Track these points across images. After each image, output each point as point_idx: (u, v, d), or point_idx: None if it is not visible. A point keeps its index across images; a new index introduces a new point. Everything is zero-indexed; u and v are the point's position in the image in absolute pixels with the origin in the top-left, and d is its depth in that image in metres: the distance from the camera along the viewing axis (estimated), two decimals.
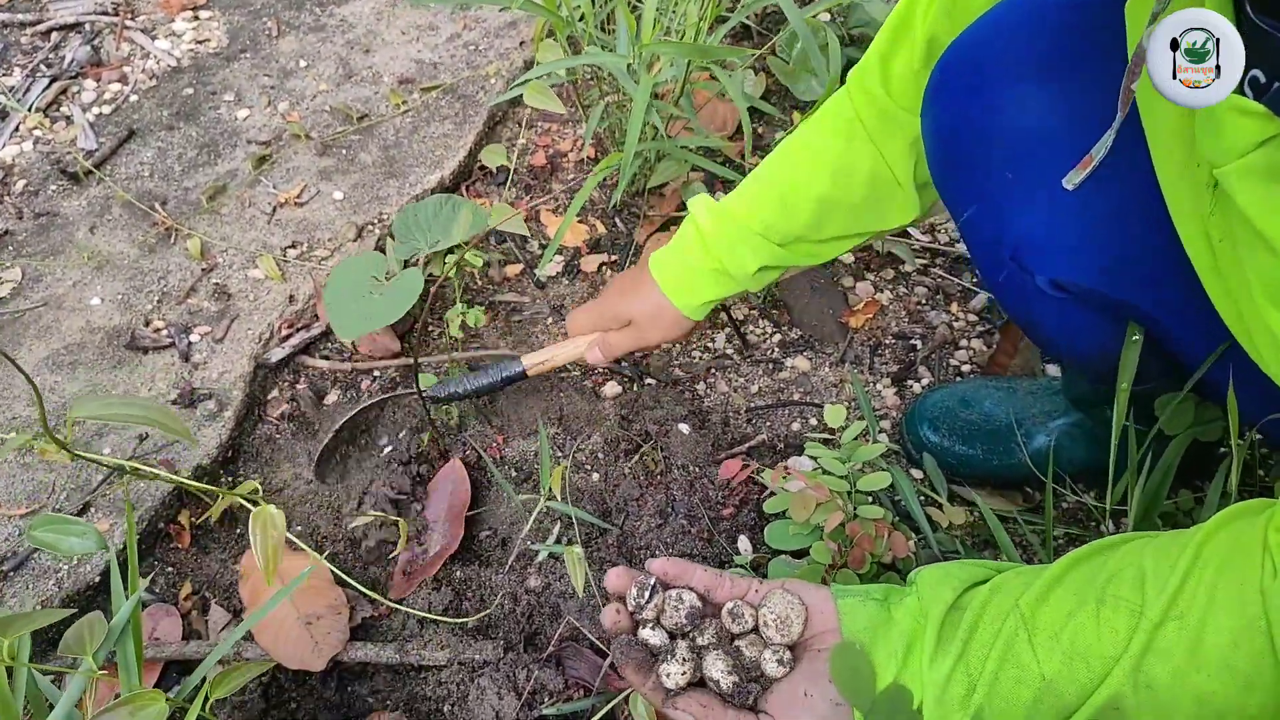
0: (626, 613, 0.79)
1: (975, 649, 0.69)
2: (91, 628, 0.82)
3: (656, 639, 0.77)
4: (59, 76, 1.79)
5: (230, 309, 1.41)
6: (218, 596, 1.16)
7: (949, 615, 0.71)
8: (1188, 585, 0.63)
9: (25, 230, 1.52)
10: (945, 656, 0.69)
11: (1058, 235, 0.86)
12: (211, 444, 1.25)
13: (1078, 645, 0.66)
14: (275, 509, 0.78)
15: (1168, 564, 0.65)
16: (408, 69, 1.81)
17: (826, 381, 1.39)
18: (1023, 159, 0.87)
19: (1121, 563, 0.68)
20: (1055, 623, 0.67)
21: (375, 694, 1.09)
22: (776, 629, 0.75)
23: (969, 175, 0.93)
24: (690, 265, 1.12)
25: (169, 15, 1.92)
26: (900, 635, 0.72)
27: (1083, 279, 0.87)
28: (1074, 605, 0.67)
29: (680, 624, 0.77)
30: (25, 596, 1.10)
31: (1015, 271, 0.90)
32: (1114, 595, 0.66)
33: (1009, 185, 0.88)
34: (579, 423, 1.32)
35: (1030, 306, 0.94)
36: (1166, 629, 0.63)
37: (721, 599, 0.79)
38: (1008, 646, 0.68)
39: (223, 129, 1.69)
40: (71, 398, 1.29)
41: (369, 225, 1.53)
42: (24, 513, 1.18)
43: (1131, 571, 0.67)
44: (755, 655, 0.75)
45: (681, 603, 0.77)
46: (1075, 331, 0.95)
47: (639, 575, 0.79)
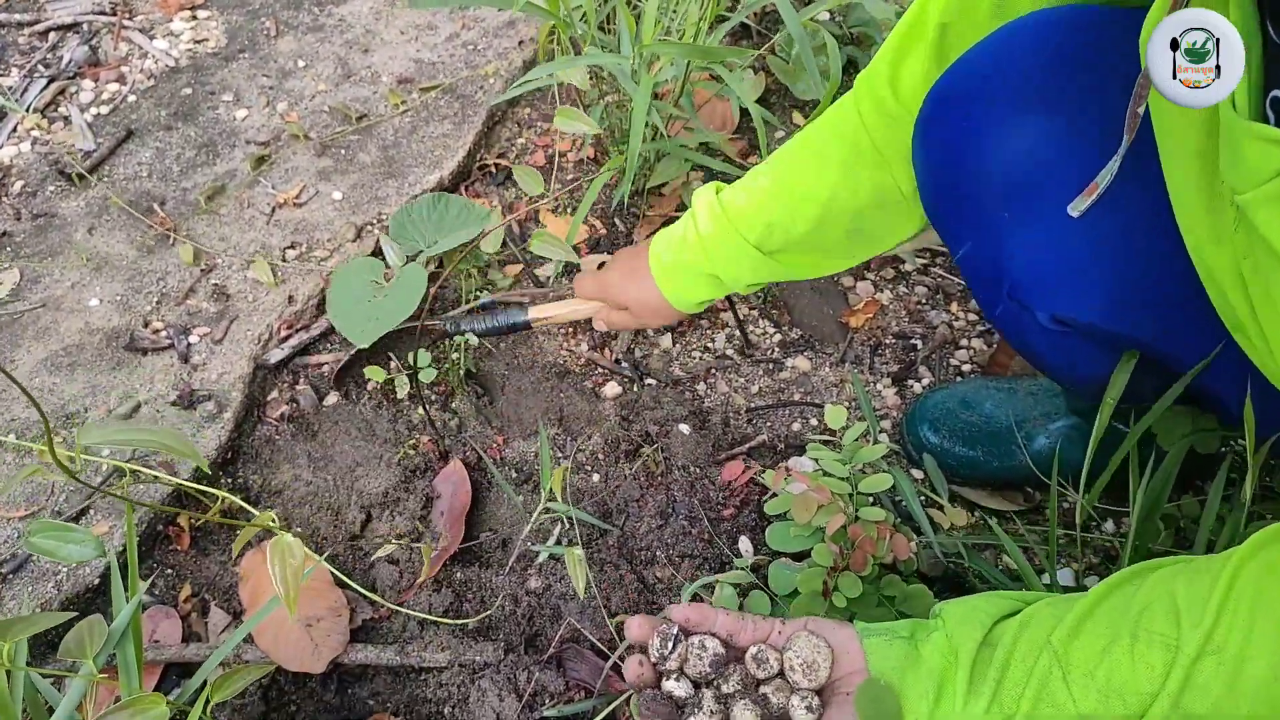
0: (649, 664, 0.77)
1: (1009, 688, 0.68)
2: (91, 631, 0.81)
3: (681, 690, 0.75)
4: (57, 77, 1.78)
5: (229, 310, 1.41)
6: (217, 599, 1.15)
7: (980, 652, 0.71)
8: (1223, 618, 0.63)
9: (23, 231, 1.52)
10: (979, 697, 0.69)
11: (1057, 273, 0.84)
12: (211, 445, 1.25)
13: (1114, 682, 0.65)
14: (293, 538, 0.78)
15: (1201, 595, 0.64)
16: (406, 69, 1.80)
17: (827, 381, 1.39)
18: (1019, 197, 0.85)
19: (1152, 594, 0.68)
20: (1090, 659, 0.67)
21: (375, 696, 1.08)
22: (804, 673, 0.74)
23: (963, 211, 0.91)
24: (686, 265, 1.13)
25: (167, 15, 1.92)
26: (930, 674, 0.71)
27: (1084, 315, 0.86)
28: (1108, 641, 0.67)
29: (704, 673, 0.76)
30: (25, 599, 1.09)
31: (1012, 307, 0.89)
32: (1148, 630, 0.66)
33: (1005, 224, 0.87)
34: (579, 423, 1.32)
35: (1028, 339, 0.92)
36: (1204, 663, 0.63)
37: (745, 643, 0.78)
38: (1042, 685, 0.67)
39: (221, 129, 1.69)
40: (71, 399, 1.29)
41: (368, 225, 1.53)
42: (23, 515, 1.17)
43: (1164, 604, 0.66)
44: (783, 702, 0.74)
45: (705, 651, 0.76)
46: (1075, 362, 0.94)
47: (660, 624, 0.78)
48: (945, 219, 0.96)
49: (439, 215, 1.43)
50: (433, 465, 1.26)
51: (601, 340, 1.43)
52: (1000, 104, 0.85)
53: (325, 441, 1.29)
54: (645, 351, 1.42)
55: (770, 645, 0.77)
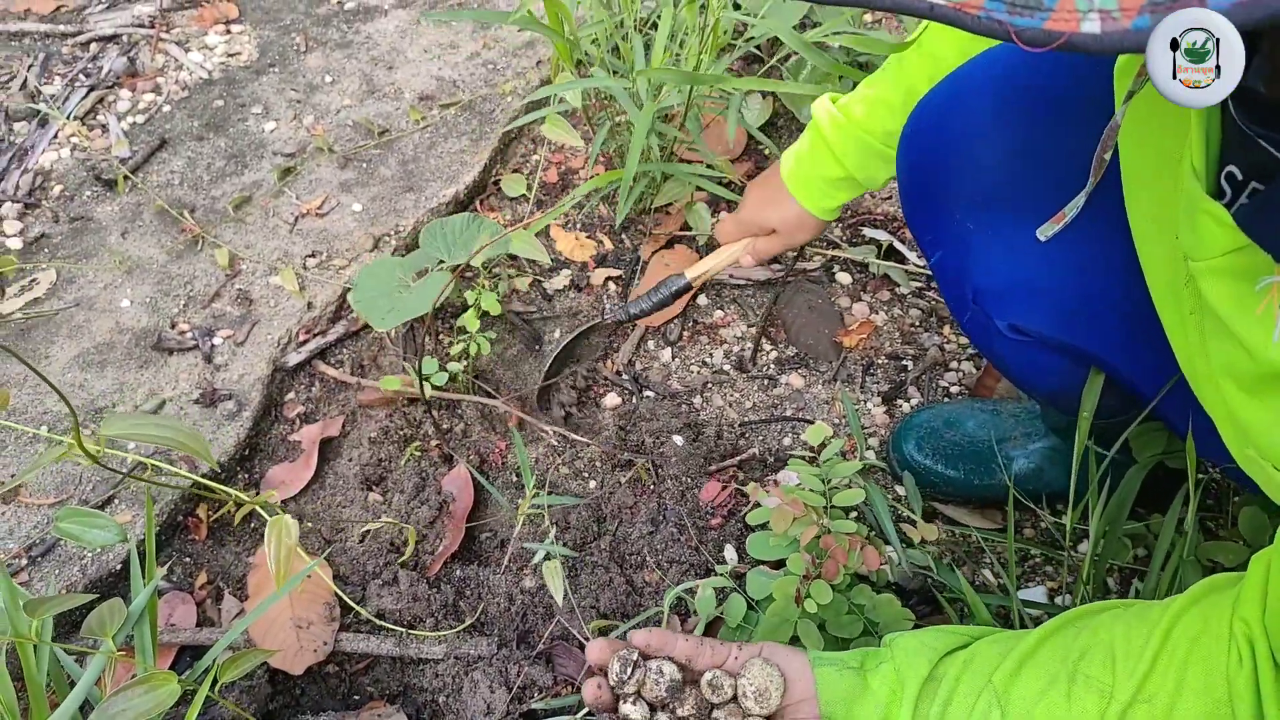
0: (608, 687, 0.80)
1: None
2: (112, 612, 0.88)
3: (637, 714, 0.78)
4: (96, 86, 1.87)
5: (252, 314, 1.48)
6: (231, 586, 1.22)
7: (925, 688, 0.73)
8: (1157, 667, 0.65)
9: (60, 234, 1.60)
10: None
11: (1015, 285, 0.90)
12: (229, 442, 1.32)
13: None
14: (290, 518, 0.84)
15: (1138, 644, 0.67)
16: (428, 86, 1.88)
17: (819, 399, 1.44)
18: (982, 211, 0.92)
19: (1093, 639, 0.70)
20: (1028, 700, 0.69)
21: (376, 683, 1.15)
22: (756, 700, 0.76)
23: (936, 221, 0.98)
24: (823, 176, 1.18)
25: (203, 29, 2.01)
26: (876, 705, 0.74)
27: (1039, 326, 0.91)
28: (1046, 683, 0.69)
29: (661, 697, 0.78)
30: (52, 581, 1.17)
31: (978, 314, 0.96)
32: (1085, 674, 0.68)
33: (970, 234, 0.93)
34: (579, 431, 1.38)
35: (993, 345, 0.99)
36: (1136, 711, 0.65)
37: (702, 667, 0.81)
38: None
39: (250, 140, 1.77)
40: (100, 395, 1.37)
41: (385, 237, 1.60)
42: (53, 502, 1.25)
43: (1102, 650, 0.68)
44: None
45: (662, 675, 0.78)
46: (1036, 371, 0.99)
47: (621, 647, 0.81)
48: (921, 227, 1.02)
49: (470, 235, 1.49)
50: (439, 468, 1.33)
51: (604, 351, 1.49)
52: (972, 125, 0.91)
53: (339, 445, 1.36)
54: (645, 365, 1.48)
55: (726, 671, 0.79)
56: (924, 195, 0.98)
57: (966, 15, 0.41)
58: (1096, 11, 0.37)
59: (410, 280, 1.35)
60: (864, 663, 0.78)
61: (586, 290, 1.57)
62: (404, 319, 1.29)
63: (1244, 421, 0.62)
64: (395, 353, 1.47)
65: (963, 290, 0.97)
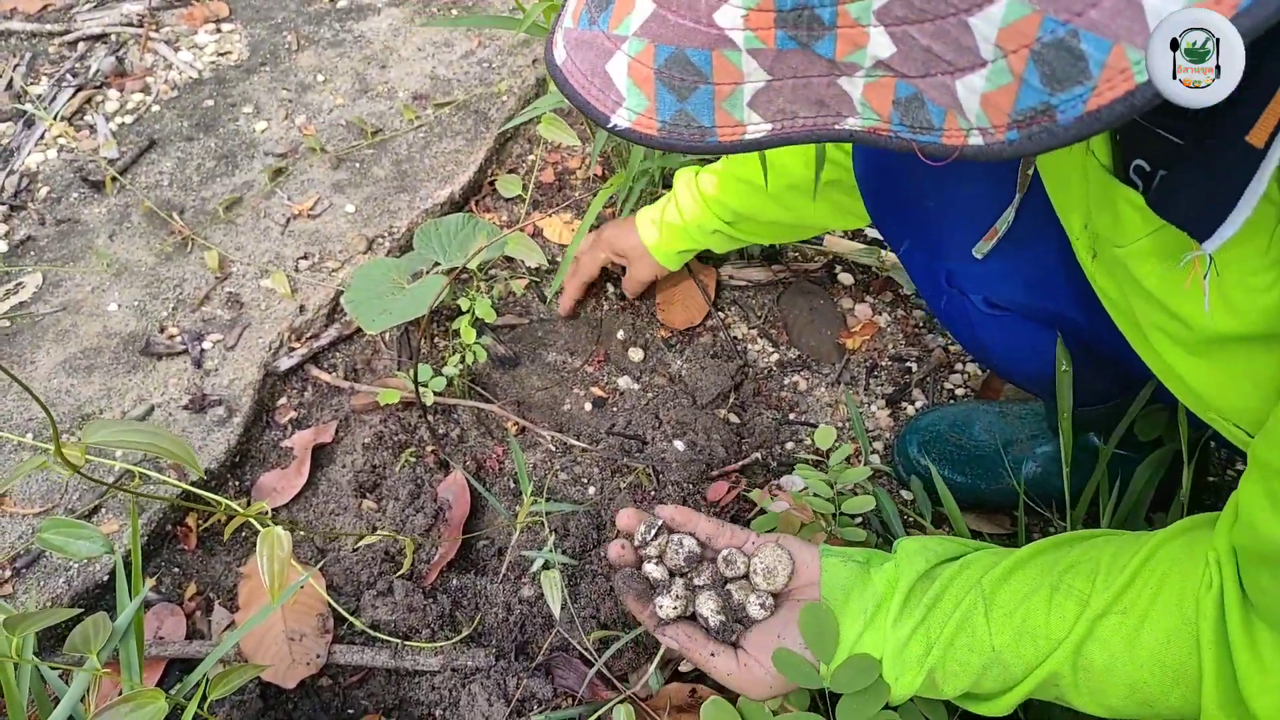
0: (632, 549, 0.88)
1: (937, 616, 0.76)
2: (96, 628, 0.85)
3: (658, 573, 0.86)
4: (84, 86, 1.84)
5: (242, 317, 1.45)
6: (221, 597, 1.19)
7: (918, 583, 0.78)
8: (1134, 584, 0.70)
9: (47, 236, 1.57)
10: (908, 619, 0.77)
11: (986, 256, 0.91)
12: (219, 449, 1.29)
13: (1028, 624, 0.73)
14: (282, 530, 0.82)
15: (1122, 562, 0.71)
16: (422, 85, 1.85)
17: (822, 402, 1.42)
18: (942, 188, 0.93)
19: (1081, 556, 0.75)
20: (1012, 602, 0.74)
21: (371, 696, 1.12)
22: (764, 577, 0.82)
23: (900, 209, 1.00)
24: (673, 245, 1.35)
25: (192, 27, 1.97)
26: (873, 596, 0.79)
27: (1012, 294, 0.94)
28: (1031, 589, 0.74)
29: (679, 565, 0.86)
30: (37, 593, 1.14)
31: (954, 296, 0.96)
32: (1068, 584, 0.72)
33: (932, 213, 0.95)
34: (579, 436, 1.35)
35: (975, 329, 1.00)
36: (1109, 620, 0.69)
37: (720, 546, 0.88)
38: (966, 617, 0.75)
39: (241, 140, 1.74)
40: (87, 400, 1.34)
41: (379, 238, 1.57)
42: (38, 512, 1.22)
43: (1088, 565, 0.73)
44: (742, 599, 0.83)
45: (682, 546, 0.86)
46: (1019, 351, 1.00)
47: (647, 517, 0.89)
48: (885, 219, 1.04)
49: (465, 236, 1.46)
50: (435, 475, 1.30)
51: (604, 354, 1.46)
52: None
53: (333, 451, 1.33)
54: (645, 365, 1.45)
55: (740, 550, 0.86)
56: (883, 186, 0.99)
57: (880, 136, 0.48)
58: (977, 129, 0.45)
59: (405, 283, 1.33)
60: (870, 560, 0.83)
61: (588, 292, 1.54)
62: (397, 322, 1.26)
63: (1196, 387, 0.67)
64: (390, 357, 1.44)
65: (935, 274, 0.99)
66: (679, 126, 0.52)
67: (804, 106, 0.49)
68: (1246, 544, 0.62)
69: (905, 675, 0.77)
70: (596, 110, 0.54)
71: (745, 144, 0.51)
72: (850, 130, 0.49)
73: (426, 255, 1.37)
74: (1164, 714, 0.70)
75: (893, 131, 0.48)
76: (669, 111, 0.52)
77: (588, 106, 0.55)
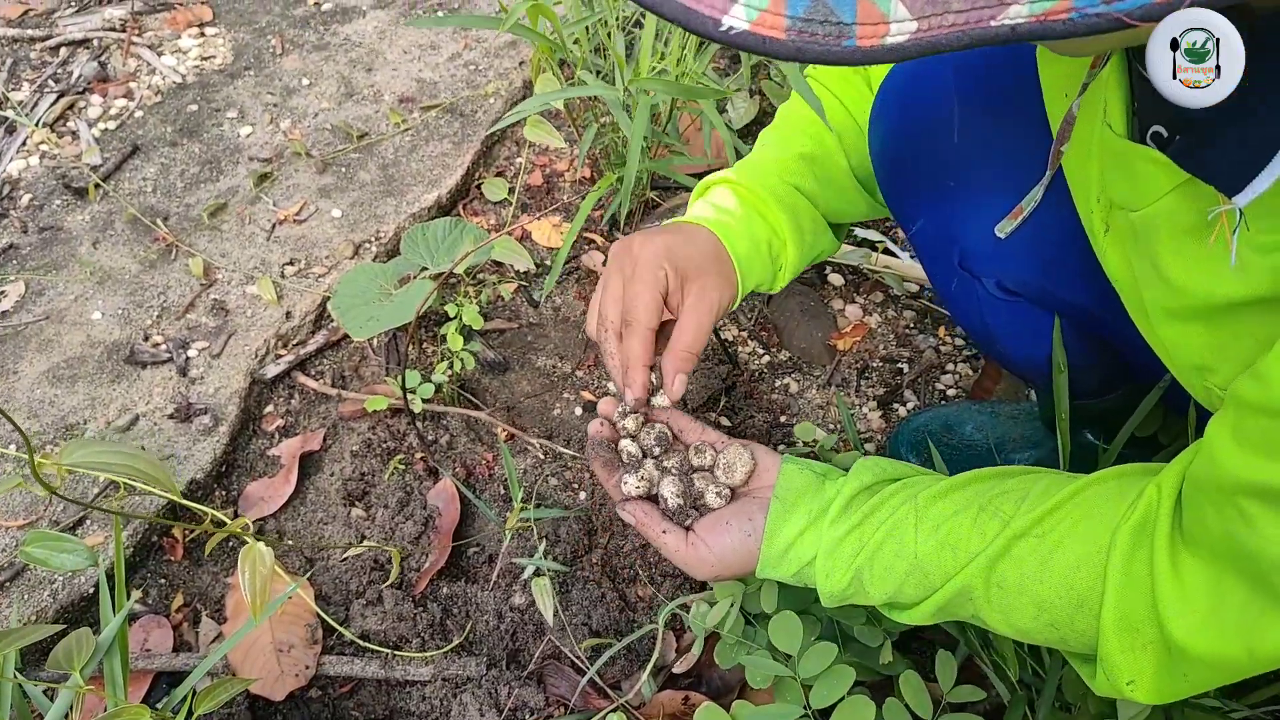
0: (610, 427, 0.92)
1: (871, 523, 0.79)
2: (80, 643, 0.84)
3: (632, 448, 0.90)
4: (66, 92, 1.82)
5: (228, 325, 1.44)
6: (208, 609, 1.18)
7: (861, 494, 0.82)
8: (1057, 512, 0.72)
9: (29, 244, 1.55)
10: (845, 522, 0.80)
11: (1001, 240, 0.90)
12: (205, 458, 1.27)
13: (951, 538, 0.75)
14: (264, 545, 0.81)
15: (1050, 493, 0.73)
16: (408, 88, 1.84)
17: (813, 404, 1.41)
18: (964, 168, 0.93)
19: (1015, 485, 0.77)
20: (940, 517, 0.77)
21: (361, 707, 1.11)
22: (724, 471, 0.88)
23: (915, 188, 0.98)
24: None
25: (176, 32, 1.96)
26: (820, 501, 0.83)
27: (1025, 277, 0.93)
28: (961, 507, 0.77)
29: (650, 446, 0.90)
30: (20, 607, 1.12)
31: (965, 279, 0.97)
32: (995, 506, 0.75)
33: (952, 194, 0.94)
34: (569, 442, 1.34)
35: (984, 314, 0.99)
36: (1025, 542, 0.72)
37: (690, 440, 0.92)
38: (896, 525, 0.78)
39: (225, 146, 1.72)
40: (70, 411, 1.32)
41: (366, 243, 1.56)
42: (21, 524, 1.20)
43: (1018, 492, 0.76)
44: (702, 488, 0.87)
45: (653, 429, 0.91)
46: (1027, 336, 1.00)
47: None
48: (898, 198, 1.02)
49: (453, 240, 1.46)
50: (424, 482, 1.29)
51: (594, 358, 1.45)
52: (946, 87, 0.93)
53: (320, 460, 1.32)
54: None
55: (710, 445, 0.90)
56: (901, 164, 0.98)
57: (1056, 23, 0.40)
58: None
59: (392, 288, 1.32)
60: (828, 473, 0.86)
61: (575, 293, 1.54)
62: (385, 328, 1.25)
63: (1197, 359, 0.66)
64: (378, 363, 1.43)
65: (948, 255, 0.98)
66: (812, 24, 0.43)
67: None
68: (1201, 474, 0.63)
69: (835, 574, 0.80)
70: (700, 15, 0.43)
71: (884, 50, 0.43)
72: (1012, 24, 0.41)
73: (414, 260, 1.36)
74: (1070, 639, 0.72)
75: (1078, 9, 0.40)
76: (804, 1, 0.42)
77: (686, 14, 0.44)
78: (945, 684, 0.92)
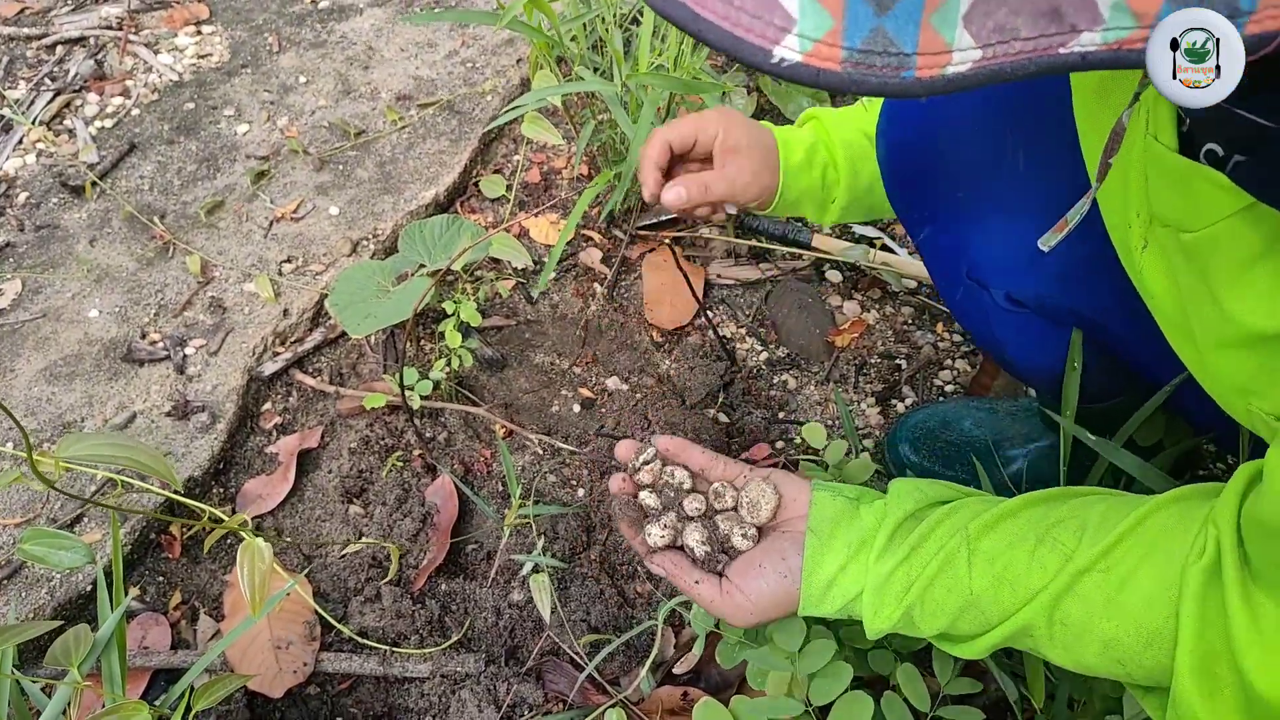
0: (631, 481, 0.90)
1: (920, 556, 0.76)
2: (78, 640, 0.84)
3: (652, 502, 0.87)
4: (63, 90, 1.82)
5: (225, 322, 1.44)
6: (206, 606, 1.18)
7: (906, 522, 0.78)
8: (1121, 545, 0.68)
9: (26, 242, 1.55)
10: (891, 556, 0.76)
11: (1011, 250, 0.90)
12: (203, 456, 1.27)
13: (1009, 573, 0.72)
14: (263, 542, 0.80)
15: (1112, 522, 0.70)
16: (406, 85, 1.83)
17: (811, 400, 1.41)
18: (974, 179, 0.91)
19: (1070, 512, 0.74)
20: (995, 549, 0.73)
21: (359, 704, 1.10)
22: (748, 510, 0.84)
23: (923, 196, 0.97)
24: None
25: (172, 30, 1.95)
26: (859, 531, 0.79)
27: (1036, 290, 0.91)
28: (1016, 538, 0.73)
29: (670, 495, 0.88)
30: (18, 604, 1.12)
31: (973, 288, 0.95)
32: (1053, 538, 0.72)
33: (962, 204, 0.92)
34: (568, 438, 1.34)
35: (989, 323, 0.98)
36: (1090, 577, 0.69)
37: (713, 478, 0.89)
38: (948, 559, 0.74)
39: (222, 144, 1.72)
40: (68, 409, 1.32)
41: (363, 240, 1.55)
42: (19, 522, 1.20)
43: (1075, 522, 0.72)
44: (727, 530, 0.84)
45: (673, 477, 0.88)
46: (1033, 346, 0.98)
47: (641, 445, 0.90)
48: (907, 205, 1.01)
49: (450, 237, 1.46)
50: (422, 479, 1.29)
51: (591, 354, 1.45)
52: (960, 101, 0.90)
53: (318, 457, 1.32)
54: (633, 366, 1.44)
55: (731, 484, 0.87)
56: (909, 170, 0.97)
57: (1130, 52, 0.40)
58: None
59: (390, 285, 1.31)
60: (861, 497, 0.82)
61: (574, 291, 1.53)
62: (381, 326, 1.25)
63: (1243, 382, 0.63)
64: (375, 360, 1.43)
65: (956, 265, 0.96)
66: (870, 55, 0.40)
67: (1029, 20, 0.40)
68: (1265, 512, 0.59)
69: (884, 610, 0.77)
70: (749, 45, 0.41)
71: (945, 80, 0.41)
72: (1083, 52, 0.39)
73: (411, 257, 1.35)
74: (1135, 673, 0.70)
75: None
76: (862, 32, 0.40)
77: (736, 43, 0.41)
78: (943, 677, 0.92)
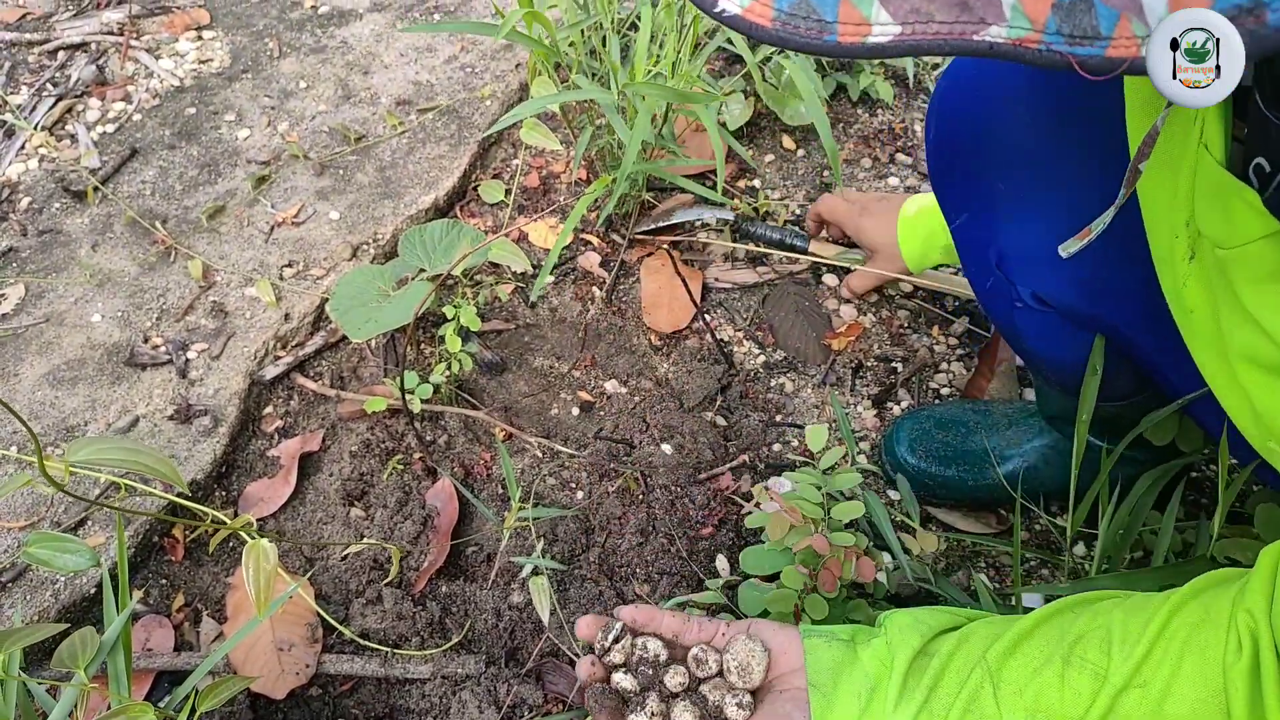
0: (600, 663, 0.82)
1: (940, 697, 0.71)
2: (84, 642, 0.85)
3: (628, 683, 0.80)
4: (65, 95, 1.83)
5: (227, 326, 1.45)
6: (209, 608, 1.19)
7: (916, 661, 0.73)
8: (1153, 654, 0.65)
9: (29, 247, 1.56)
10: (909, 702, 0.71)
11: (1043, 251, 0.89)
12: (205, 459, 1.28)
13: (1041, 703, 0.68)
14: (268, 542, 0.82)
15: (1135, 631, 0.67)
16: (405, 90, 1.85)
17: (808, 403, 1.42)
18: (1014, 173, 0.90)
19: (1091, 624, 0.70)
20: (1020, 678, 0.69)
21: (361, 705, 1.12)
22: (739, 675, 0.77)
23: (963, 183, 0.97)
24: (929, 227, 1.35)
25: (173, 35, 1.96)
26: (865, 677, 0.74)
27: (1062, 293, 0.90)
28: (1040, 663, 0.69)
29: (647, 673, 0.80)
30: (24, 607, 1.13)
31: (1000, 281, 0.95)
32: (1080, 656, 0.68)
33: (999, 196, 0.92)
34: (567, 441, 1.35)
35: (1014, 315, 0.98)
36: (1129, 695, 0.65)
37: (690, 642, 0.82)
38: (972, 697, 0.70)
39: (223, 148, 1.73)
40: (71, 413, 1.33)
41: (364, 245, 1.57)
42: (23, 525, 1.21)
43: (1099, 634, 0.68)
44: (719, 700, 0.77)
45: (646, 651, 0.81)
46: (1055, 342, 0.98)
47: (606, 620, 0.83)
48: (947, 187, 1.02)
49: (450, 242, 1.47)
50: (423, 482, 1.30)
51: (590, 358, 1.46)
52: (1013, 84, 0.90)
53: (320, 460, 1.33)
54: (631, 369, 1.45)
55: (712, 646, 0.80)
56: (954, 155, 0.97)
57: (1026, 50, 0.43)
58: None
59: (390, 290, 1.33)
60: (855, 636, 0.78)
61: (573, 295, 1.55)
62: (383, 330, 1.26)
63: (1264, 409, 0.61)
64: (376, 364, 1.44)
65: (986, 255, 0.96)
66: (796, 18, 0.46)
67: (942, 8, 0.44)
68: None
69: None
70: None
71: (866, 48, 0.46)
72: (990, 42, 0.43)
73: (411, 262, 1.37)
74: None
75: (1044, 43, 0.42)
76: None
77: None
78: None
